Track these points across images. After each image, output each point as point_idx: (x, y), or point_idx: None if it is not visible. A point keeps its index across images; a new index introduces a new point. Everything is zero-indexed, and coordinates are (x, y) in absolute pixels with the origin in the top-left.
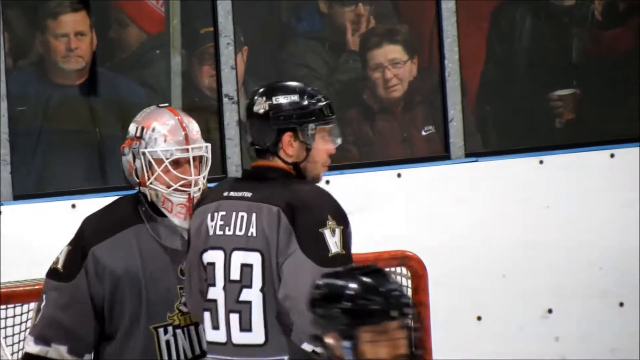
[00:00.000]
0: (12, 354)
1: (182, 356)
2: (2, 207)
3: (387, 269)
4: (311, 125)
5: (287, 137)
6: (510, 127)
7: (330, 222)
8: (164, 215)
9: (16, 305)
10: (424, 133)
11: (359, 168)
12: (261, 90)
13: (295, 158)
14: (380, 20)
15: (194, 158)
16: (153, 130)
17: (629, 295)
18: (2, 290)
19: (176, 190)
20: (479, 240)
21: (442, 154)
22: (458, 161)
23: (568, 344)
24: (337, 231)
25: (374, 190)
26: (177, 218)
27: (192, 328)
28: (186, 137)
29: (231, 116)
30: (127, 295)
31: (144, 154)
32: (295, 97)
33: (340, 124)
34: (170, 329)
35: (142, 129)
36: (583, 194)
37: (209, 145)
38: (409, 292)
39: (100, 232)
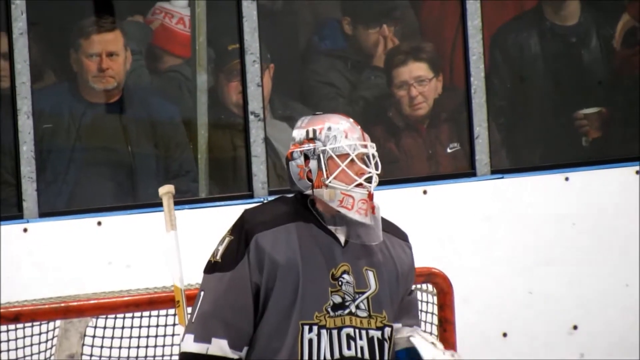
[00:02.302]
0: None
1: (321, 357)
2: (28, 224)
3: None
4: None
5: None
6: (537, 145)
7: None
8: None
9: (42, 322)
10: (449, 150)
11: (385, 185)
12: None
13: None
14: (404, 39)
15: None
16: (329, 129)
17: None
18: (26, 308)
19: (358, 185)
20: (505, 257)
21: (468, 171)
22: (484, 178)
23: None
24: None
25: (399, 207)
26: (359, 214)
27: (335, 331)
28: (363, 134)
29: (257, 133)
30: (283, 287)
31: (324, 151)
32: None
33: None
34: (315, 328)
35: (314, 130)
36: (608, 210)
37: None
38: (435, 309)
39: (264, 222)
